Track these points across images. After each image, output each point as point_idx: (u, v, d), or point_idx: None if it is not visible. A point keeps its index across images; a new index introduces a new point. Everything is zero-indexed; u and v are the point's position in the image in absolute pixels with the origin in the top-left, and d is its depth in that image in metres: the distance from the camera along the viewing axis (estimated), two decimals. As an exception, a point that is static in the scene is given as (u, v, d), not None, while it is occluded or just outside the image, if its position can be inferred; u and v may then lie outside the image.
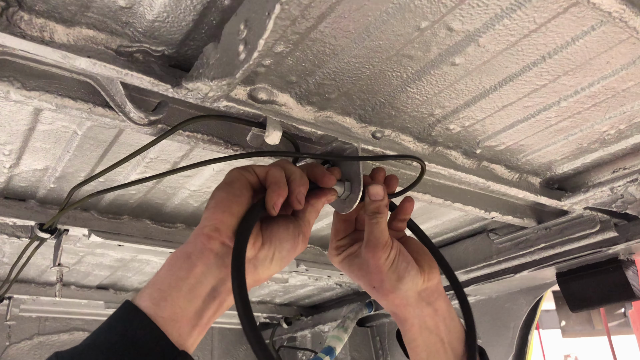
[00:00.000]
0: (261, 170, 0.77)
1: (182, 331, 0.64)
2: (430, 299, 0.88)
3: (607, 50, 0.77)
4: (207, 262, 0.68)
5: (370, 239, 0.86)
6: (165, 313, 0.63)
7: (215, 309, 0.68)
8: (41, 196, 1.23)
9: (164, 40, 0.73)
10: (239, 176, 0.75)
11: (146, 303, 0.64)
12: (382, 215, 0.86)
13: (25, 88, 0.74)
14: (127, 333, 0.61)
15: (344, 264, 0.93)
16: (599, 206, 1.22)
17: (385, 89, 0.85)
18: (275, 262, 0.75)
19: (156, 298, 0.64)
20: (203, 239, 0.70)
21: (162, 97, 0.82)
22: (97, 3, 0.66)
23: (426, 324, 0.87)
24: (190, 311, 0.65)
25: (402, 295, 0.86)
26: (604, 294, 1.47)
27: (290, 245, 0.76)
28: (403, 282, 0.85)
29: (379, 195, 0.86)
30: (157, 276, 0.69)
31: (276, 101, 0.84)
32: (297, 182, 0.76)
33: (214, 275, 0.68)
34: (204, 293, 0.67)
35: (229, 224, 0.70)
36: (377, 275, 0.86)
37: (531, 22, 0.71)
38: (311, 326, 2.46)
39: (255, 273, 0.73)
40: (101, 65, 0.69)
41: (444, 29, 0.72)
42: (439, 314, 0.87)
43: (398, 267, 0.86)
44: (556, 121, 0.96)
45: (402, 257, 0.87)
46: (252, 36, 0.58)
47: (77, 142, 1.01)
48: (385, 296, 0.87)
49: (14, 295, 1.89)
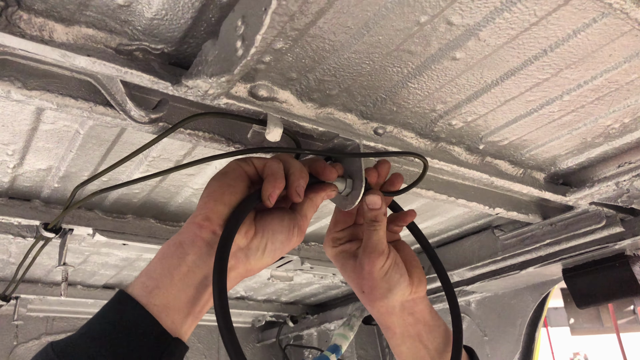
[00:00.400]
0: (259, 162, 0.78)
1: (175, 319, 0.64)
2: (414, 309, 0.89)
3: (609, 43, 0.76)
4: (198, 251, 0.69)
5: (368, 245, 0.86)
6: (157, 301, 0.64)
7: (208, 297, 0.69)
8: (45, 196, 1.24)
9: (163, 38, 0.73)
10: (235, 167, 0.76)
11: (139, 292, 0.64)
12: (380, 224, 0.86)
13: (26, 87, 0.74)
14: (120, 321, 0.61)
15: (337, 259, 0.94)
16: (604, 201, 1.21)
17: (386, 84, 0.85)
18: (267, 253, 0.75)
19: (149, 286, 0.65)
20: (194, 227, 0.70)
21: (162, 95, 0.82)
22: (96, 1, 0.66)
23: (408, 332, 0.89)
24: (182, 299, 0.66)
25: (388, 305, 0.87)
26: (610, 289, 1.46)
27: (284, 237, 0.76)
28: (393, 292, 0.86)
29: (376, 204, 0.86)
30: (150, 265, 0.69)
31: (277, 98, 0.84)
32: (296, 175, 0.76)
33: (205, 263, 0.68)
34: (196, 281, 0.67)
35: (221, 213, 0.71)
36: (369, 281, 0.87)
37: (532, 15, 0.70)
38: (317, 324, 2.46)
39: (246, 262, 0.74)
40: (101, 64, 0.69)
41: (444, 23, 0.72)
42: (421, 322, 0.89)
43: (391, 278, 0.86)
44: (559, 115, 0.95)
45: (396, 267, 0.88)
46: (249, 32, 0.58)
47: (80, 142, 1.01)
48: (372, 302, 0.88)
49: (21, 295, 1.91)
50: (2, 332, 2.12)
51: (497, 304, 1.94)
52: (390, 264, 0.86)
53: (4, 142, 1.00)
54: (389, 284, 0.86)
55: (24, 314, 2.00)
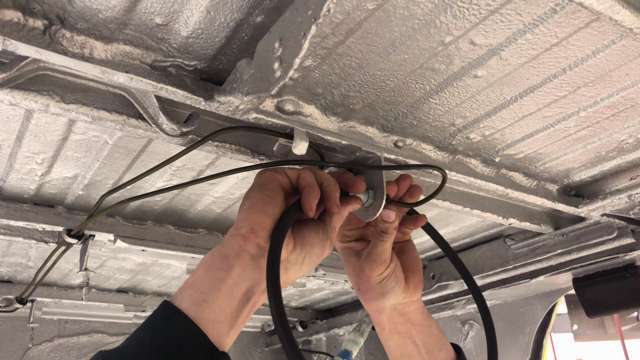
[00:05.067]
0: (293, 173, 0.79)
1: (221, 332, 0.66)
2: (405, 310, 0.94)
3: (626, 63, 0.79)
4: (243, 263, 0.70)
5: (373, 252, 0.90)
6: (206, 314, 0.65)
7: (249, 310, 0.71)
8: (69, 202, 1.27)
9: (197, 55, 0.76)
10: (271, 178, 0.77)
11: (187, 305, 0.66)
12: (389, 236, 0.89)
13: (64, 101, 0.77)
14: (171, 334, 0.63)
15: (343, 253, 0.98)
16: (616, 213, 1.23)
17: (408, 100, 0.88)
18: (304, 265, 0.78)
19: (197, 300, 0.66)
20: (239, 240, 0.71)
21: (192, 109, 0.85)
22: (135, 21, 0.69)
23: (397, 329, 0.94)
24: (228, 312, 0.67)
25: (379, 306, 0.92)
26: (620, 299, 1.48)
27: (319, 249, 0.78)
28: (385, 297, 0.91)
29: (390, 218, 0.89)
30: (195, 277, 0.70)
31: (302, 112, 0.86)
32: (332, 187, 0.78)
33: (249, 276, 0.70)
34: (240, 294, 0.69)
35: (265, 225, 0.72)
36: (365, 283, 0.91)
37: (553, 36, 0.73)
38: (326, 330, 2.48)
39: (285, 275, 0.76)
40: (138, 80, 0.72)
41: (468, 44, 0.74)
42: (410, 322, 0.94)
43: (385, 285, 0.91)
44: (575, 130, 0.97)
45: (393, 276, 0.91)
46: (287, 55, 0.60)
47: (107, 151, 1.04)
48: (365, 300, 0.94)
49: (37, 298, 1.94)
50: (17, 334, 2.15)
51: (506, 311, 1.96)
52: (388, 273, 0.90)
53: (34, 151, 1.03)
54: (383, 290, 0.90)
55: (38, 317, 2.03)
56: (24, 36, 0.64)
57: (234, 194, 1.27)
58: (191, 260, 1.56)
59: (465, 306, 2.02)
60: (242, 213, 0.74)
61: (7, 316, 2.10)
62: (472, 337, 2.05)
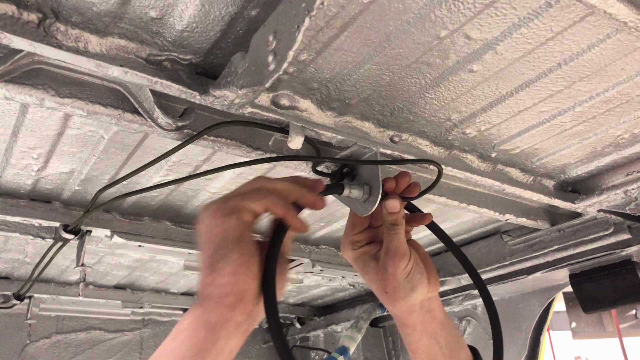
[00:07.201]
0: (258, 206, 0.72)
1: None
2: (430, 307, 0.92)
3: (622, 57, 0.79)
4: (227, 333, 0.67)
5: (390, 248, 0.89)
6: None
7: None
8: (65, 198, 1.27)
9: (192, 49, 0.76)
10: (242, 227, 0.70)
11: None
12: (400, 227, 0.89)
13: (59, 95, 0.77)
14: None
15: (358, 262, 0.96)
16: (612, 208, 1.23)
17: (404, 94, 0.88)
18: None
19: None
20: (225, 310, 0.67)
21: (188, 104, 0.85)
22: (130, 14, 0.69)
23: (427, 329, 0.92)
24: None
25: (409, 303, 0.90)
26: (617, 295, 1.48)
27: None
28: (415, 291, 0.89)
29: (395, 208, 0.88)
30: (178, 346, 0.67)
31: (298, 107, 0.86)
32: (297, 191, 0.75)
33: (235, 343, 0.68)
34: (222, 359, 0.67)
35: (252, 289, 0.69)
36: (392, 282, 0.90)
37: (548, 30, 0.73)
38: (324, 326, 2.49)
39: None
40: (133, 74, 0.72)
41: (463, 38, 0.74)
42: (436, 320, 0.92)
43: (413, 278, 0.90)
44: (571, 125, 0.97)
45: (418, 268, 0.91)
46: (281, 47, 0.60)
47: (103, 146, 1.04)
48: (394, 302, 0.91)
49: (35, 295, 1.94)
50: (15, 330, 2.15)
51: (503, 308, 1.96)
52: (412, 265, 0.89)
53: (30, 146, 1.03)
54: (412, 284, 0.89)
55: (36, 313, 2.03)
56: (18, 29, 0.64)
57: (231, 189, 1.26)
58: (188, 256, 1.56)
59: (463, 302, 2.03)
60: (224, 277, 0.68)
61: (5, 313, 2.10)
62: (469, 334, 2.05)
